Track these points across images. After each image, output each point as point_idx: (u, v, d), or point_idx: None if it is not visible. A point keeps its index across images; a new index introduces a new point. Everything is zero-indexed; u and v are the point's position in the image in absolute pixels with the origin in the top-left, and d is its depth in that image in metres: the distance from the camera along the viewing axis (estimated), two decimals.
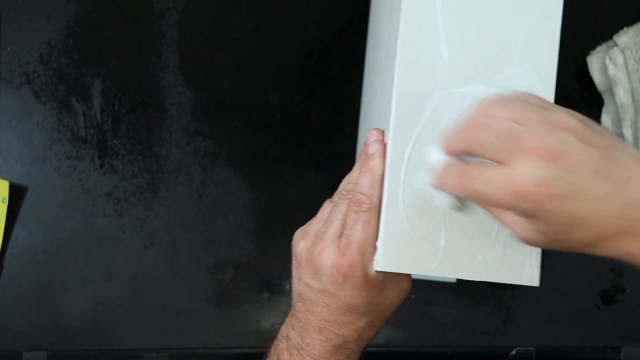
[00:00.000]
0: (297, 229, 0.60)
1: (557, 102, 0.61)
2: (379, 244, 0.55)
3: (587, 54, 0.85)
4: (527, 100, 0.50)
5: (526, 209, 0.47)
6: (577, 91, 0.86)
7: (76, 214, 0.83)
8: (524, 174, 0.46)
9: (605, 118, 0.85)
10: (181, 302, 0.84)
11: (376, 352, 0.84)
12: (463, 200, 0.55)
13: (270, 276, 0.85)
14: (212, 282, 0.84)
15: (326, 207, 0.60)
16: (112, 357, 0.83)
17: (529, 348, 0.85)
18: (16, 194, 0.82)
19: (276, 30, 0.85)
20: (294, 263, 0.60)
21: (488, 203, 0.50)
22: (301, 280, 0.59)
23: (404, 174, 0.55)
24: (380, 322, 0.60)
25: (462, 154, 0.51)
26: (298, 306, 0.60)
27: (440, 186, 0.53)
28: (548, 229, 0.47)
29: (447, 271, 0.56)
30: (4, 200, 0.81)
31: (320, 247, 0.57)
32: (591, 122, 0.49)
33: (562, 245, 0.49)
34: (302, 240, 0.59)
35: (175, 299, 0.84)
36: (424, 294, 0.84)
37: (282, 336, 0.61)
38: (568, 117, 0.48)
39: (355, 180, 0.57)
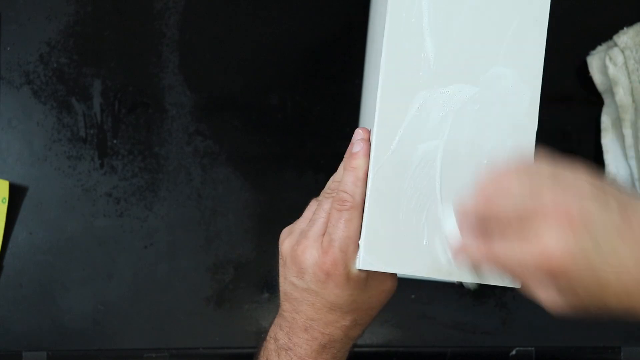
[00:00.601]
0: None
1: (558, 103, 0.61)
2: (361, 242, 0.55)
3: (587, 54, 0.85)
4: (539, 170, 0.49)
5: (556, 280, 0.46)
6: (577, 91, 0.86)
7: (76, 214, 0.83)
8: (551, 245, 0.45)
9: (605, 118, 0.85)
10: (181, 302, 0.84)
11: (376, 352, 0.84)
12: (480, 274, 0.54)
13: (270, 276, 0.84)
14: (212, 282, 0.84)
15: (312, 206, 0.61)
16: (112, 357, 0.83)
17: (529, 348, 0.85)
18: (16, 194, 0.82)
19: (276, 30, 0.85)
20: (280, 262, 0.60)
21: (515, 276, 0.49)
22: (287, 279, 0.59)
23: (387, 173, 0.55)
24: (366, 321, 0.60)
25: (477, 222, 0.50)
26: (285, 305, 0.60)
27: (460, 255, 0.53)
28: (577, 296, 0.47)
29: (430, 272, 0.55)
30: (4, 200, 0.81)
31: (303, 246, 0.57)
32: (601, 180, 0.48)
33: (592, 311, 0.48)
34: (287, 239, 0.59)
35: (175, 299, 0.84)
36: (424, 294, 0.84)
37: (270, 337, 0.62)
38: (581, 181, 0.47)
39: (340, 179, 0.58)
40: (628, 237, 0.45)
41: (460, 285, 0.84)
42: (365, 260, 0.55)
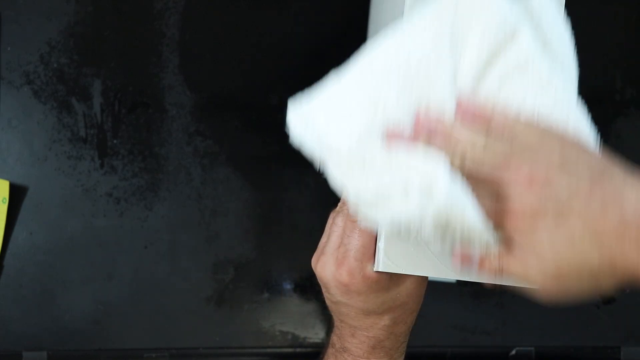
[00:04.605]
0: (297, 229, 0.60)
1: None
2: (379, 244, 0.56)
3: (587, 53, 0.85)
4: (522, 133, 0.49)
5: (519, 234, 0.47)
6: (577, 91, 0.86)
7: (76, 214, 0.83)
8: (516, 204, 0.46)
9: None
10: (181, 302, 0.84)
11: None
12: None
13: (270, 276, 0.85)
14: (212, 282, 0.84)
15: (329, 220, 0.62)
16: (112, 357, 0.83)
17: (529, 348, 0.85)
18: (16, 194, 0.82)
19: (276, 30, 0.85)
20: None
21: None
22: (324, 294, 0.62)
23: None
24: (407, 316, 0.62)
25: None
26: (333, 316, 0.63)
27: None
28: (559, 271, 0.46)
29: (445, 272, 0.56)
30: (4, 200, 0.81)
31: (322, 262, 0.59)
32: (577, 150, 0.48)
33: (574, 286, 0.47)
34: (313, 257, 0.61)
35: (175, 299, 0.84)
36: (424, 293, 0.84)
37: (329, 344, 0.65)
38: (551, 152, 0.48)
39: None
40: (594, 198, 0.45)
41: (459, 284, 0.84)
42: (385, 263, 0.56)
